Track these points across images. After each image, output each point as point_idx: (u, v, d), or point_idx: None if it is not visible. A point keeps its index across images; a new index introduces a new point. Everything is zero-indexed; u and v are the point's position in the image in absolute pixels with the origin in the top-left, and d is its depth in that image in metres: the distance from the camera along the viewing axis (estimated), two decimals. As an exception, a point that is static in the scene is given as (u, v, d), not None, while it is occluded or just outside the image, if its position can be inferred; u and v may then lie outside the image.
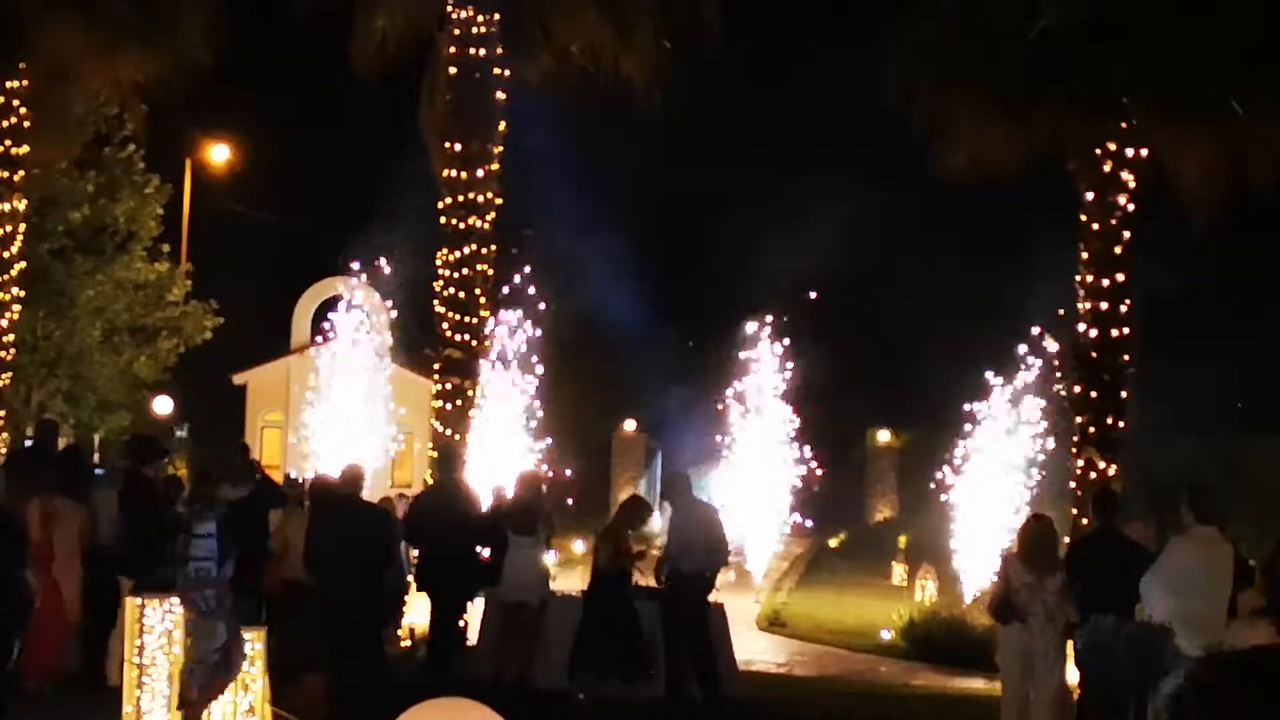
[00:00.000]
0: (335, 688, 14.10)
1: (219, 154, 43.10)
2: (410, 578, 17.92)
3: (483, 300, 21.19)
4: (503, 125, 21.04)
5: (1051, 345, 25.85)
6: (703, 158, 52.46)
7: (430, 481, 18.96)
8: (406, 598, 18.43)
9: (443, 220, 20.89)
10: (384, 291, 25.54)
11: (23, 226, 21.98)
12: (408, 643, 18.41)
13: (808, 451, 29.46)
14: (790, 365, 29.51)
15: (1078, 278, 21.25)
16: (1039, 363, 26.22)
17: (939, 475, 27.18)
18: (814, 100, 53.36)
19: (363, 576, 14.54)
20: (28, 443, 23.15)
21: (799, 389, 29.61)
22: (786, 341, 29.71)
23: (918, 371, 46.07)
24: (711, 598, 17.14)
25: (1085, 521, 19.86)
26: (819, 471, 30.39)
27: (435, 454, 19.66)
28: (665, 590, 16.42)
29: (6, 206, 21.26)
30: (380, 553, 14.91)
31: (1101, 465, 20.67)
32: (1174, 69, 20.10)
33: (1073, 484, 21.27)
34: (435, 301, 21.00)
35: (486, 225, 20.92)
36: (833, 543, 46.95)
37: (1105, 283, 20.93)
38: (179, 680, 11.93)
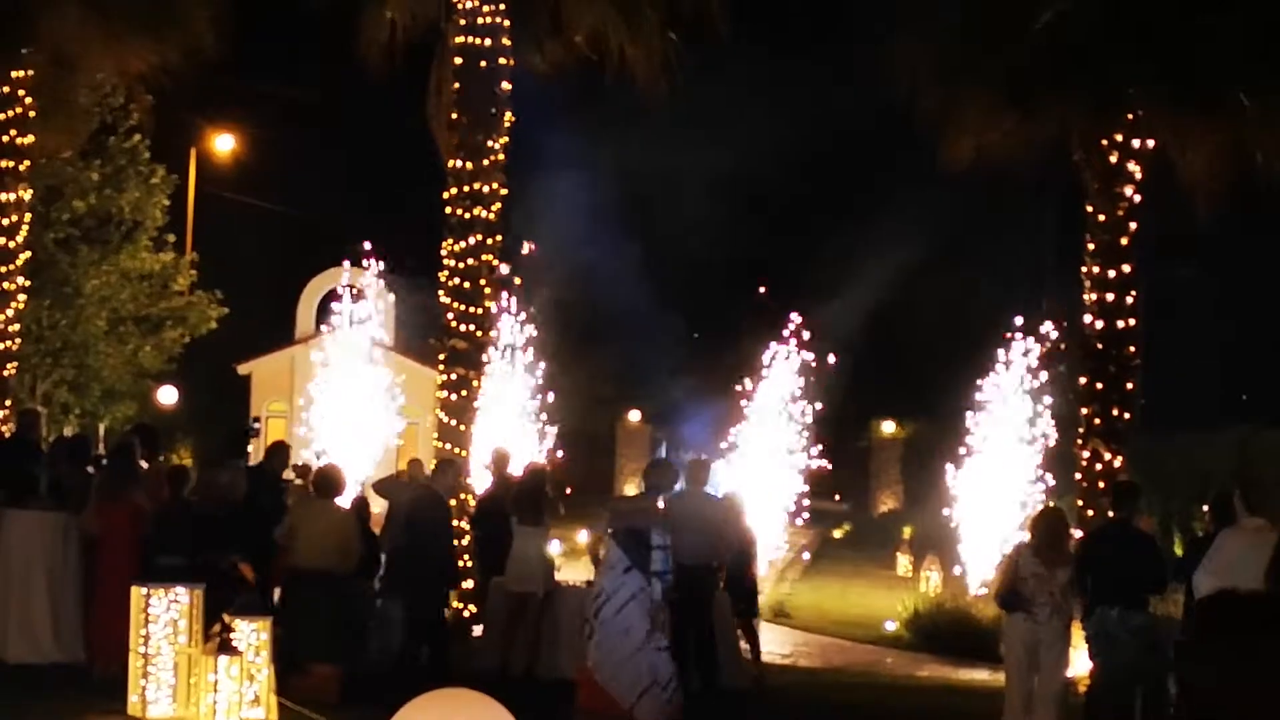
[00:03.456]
0: (343, 677, 14.14)
1: (224, 144, 43.15)
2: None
3: (488, 291, 21.17)
4: (509, 116, 21.01)
5: (1052, 335, 25.93)
6: (709, 148, 52.41)
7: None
8: None
9: (448, 210, 20.88)
10: (389, 281, 25.60)
11: (28, 216, 21.97)
12: None
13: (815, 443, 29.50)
14: (798, 358, 29.53)
15: (1084, 269, 21.20)
16: (1044, 354, 26.24)
17: (944, 466, 27.20)
18: (819, 91, 53.31)
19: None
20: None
21: (806, 381, 29.64)
22: (795, 335, 29.76)
23: (923, 363, 46.11)
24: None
25: (1091, 513, 19.84)
26: (826, 464, 30.42)
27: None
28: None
29: (12, 196, 21.24)
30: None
31: (1107, 457, 20.63)
32: (1181, 60, 20.05)
33: (1078, 476, 21.24)
34: (440, 292, 20.98)
35: (492, 216, 20.90)
36: (837, 534, 46.98)
37: (1111, 274, 20.88)
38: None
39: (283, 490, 16.91)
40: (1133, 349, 21.00)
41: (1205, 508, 16.67)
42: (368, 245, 27.32)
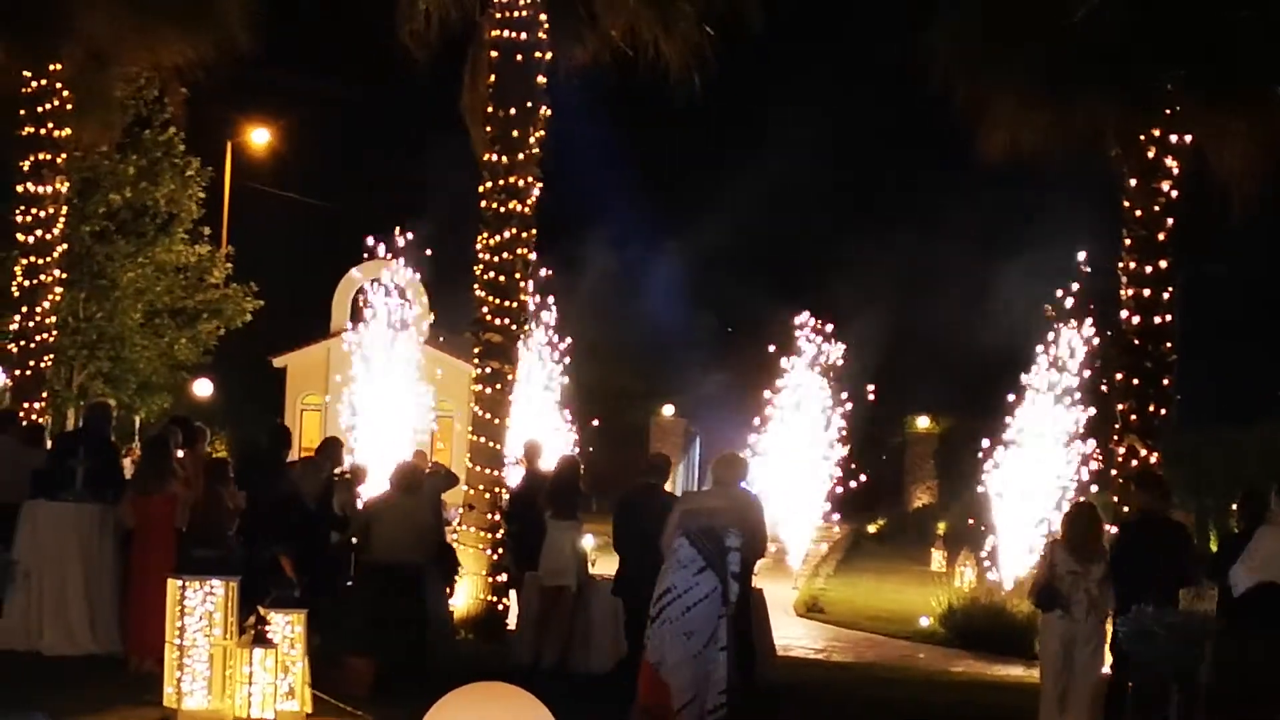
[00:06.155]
0: (378, 670, 14.12)
1: (259, 137, 43.27)
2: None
3: (522, 284, 21.13)
4: (545, 110, 20.95)
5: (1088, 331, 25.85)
6: (741, 143, 52.40)
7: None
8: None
9: (483, 204, 20.84)
10: (423, 275, 25.60)
11: (65, 209, 22.06)
12: None
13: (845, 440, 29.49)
14: (830, 353, 29.54)
15: (1120, 264, 21.11)
16: (1080, 349, 26.17)
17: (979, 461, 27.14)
18: (852, 84, 53.28)
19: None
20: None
21: (839, 377, 29.64)
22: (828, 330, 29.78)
23: (958, 358, 46.01)
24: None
25: (1127, 509, 19.74)
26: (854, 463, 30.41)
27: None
28: None
29: (49, 189, 21.34)
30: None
31: (1143, 452, 20.54)
32: (1217, 55, 19.95)
33: (1114, 472, 21.16)
34: (475, 285, 20.95)
35: (527, 210, 20.85)
36: (871, 529, 46.96)
37: (1148, 269, 20.79)
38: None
39: (330, 487, 16.82)
40: (1169, 344, 20.91)
41: (1236, 505, 16.60)
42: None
